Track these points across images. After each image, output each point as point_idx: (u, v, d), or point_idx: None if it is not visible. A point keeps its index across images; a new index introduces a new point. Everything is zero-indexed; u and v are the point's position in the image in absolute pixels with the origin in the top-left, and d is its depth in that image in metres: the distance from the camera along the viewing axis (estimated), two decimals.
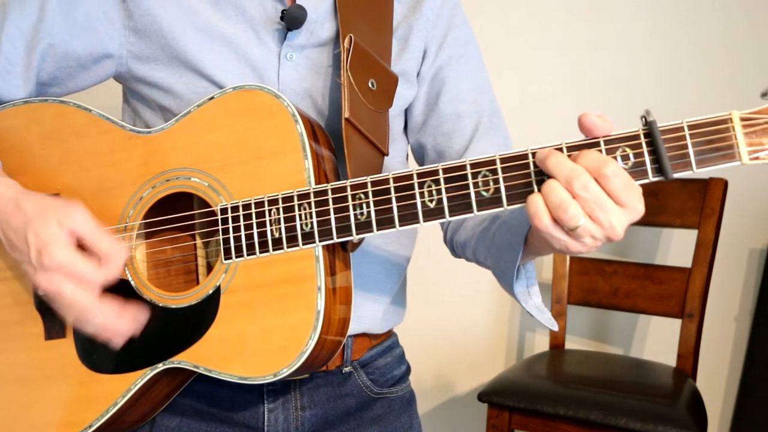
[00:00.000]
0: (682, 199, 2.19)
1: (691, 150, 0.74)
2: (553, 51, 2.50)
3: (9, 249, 0.92)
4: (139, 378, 0.92)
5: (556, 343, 2.35)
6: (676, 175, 0.75)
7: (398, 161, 1.12)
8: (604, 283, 2.30)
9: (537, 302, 0.94)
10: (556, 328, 0.94)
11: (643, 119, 0.76)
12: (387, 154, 1.02)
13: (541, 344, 2.61)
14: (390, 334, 1.17)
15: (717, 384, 2.43)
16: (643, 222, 2.27)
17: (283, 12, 0.99)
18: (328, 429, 1.06)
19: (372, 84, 1.00)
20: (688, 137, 0.74)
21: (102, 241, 0.89)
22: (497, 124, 1.13)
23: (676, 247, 2.39)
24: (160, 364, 0.91)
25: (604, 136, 0.77)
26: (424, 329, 2.59)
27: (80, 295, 0.87)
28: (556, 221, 0.75)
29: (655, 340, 2.47)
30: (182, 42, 0.99)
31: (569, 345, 2.47)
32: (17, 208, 0.91)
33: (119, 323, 0.89)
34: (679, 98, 2.35)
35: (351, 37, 0.98)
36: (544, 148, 0.78)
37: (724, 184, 2.14)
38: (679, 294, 2.16)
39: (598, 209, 0.74)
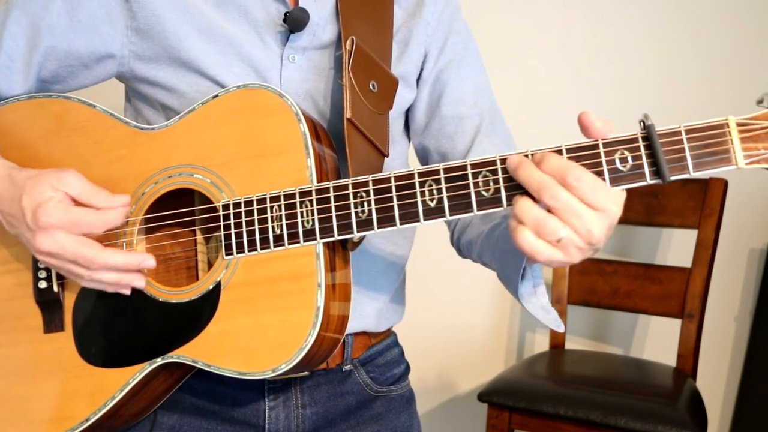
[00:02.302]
0: (682, 199, 2.19)
1: (688, 154, 0.75)
2: (553, 51, 2.50)
3: (7, 226, 0.93)
4: (138, 372, 0.93)
5: (556, 343, 2.35)
6: (673, 179, 0.75)
7: (398, 163, 1.12)
8: (604, 283, 2.30)
9: (543, 302, 0.93)
10: (562, 329, 0.93)
11: (642, 123, 0.76)
12: (387, 155, 1.02)
13: (541, 344, 2.61)
14: (389, 332, 1.18)
15: (717, 384, 2.43)
16: (643, 222, 2.28)
17: (285, 14, 1.00)
18: (329, 427, 1.07)
19: (373, 86, 1.01)
20: (685, 141, 0.75)
21: (98, 195, 0.91)
22: (498, 125, 1.13)
23: (676, 247, 2.39)
24: (159, 359, 0.92)
25: (602, 139, 0.77)
26: (424, 329, 2.59)
27: (84, 245, 0.88)
28: (539, 236, 0.76)
29: (655, 340, 2.47)
30: (185, 43, 0.99)
31: (569, 345, 2.48)
32: (10, 182, 0.92)
33: (134, 260, 0.91)
34: (678, 99, 2.35)
35: (353, 39, 0.99)
36: (514, 155, 0.79)
37: (724, 184, 2.14)
38: (679, 294, 2.16)
39: (573, 216, 0.75)
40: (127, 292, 0.93)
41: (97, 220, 0.89)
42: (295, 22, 0.99)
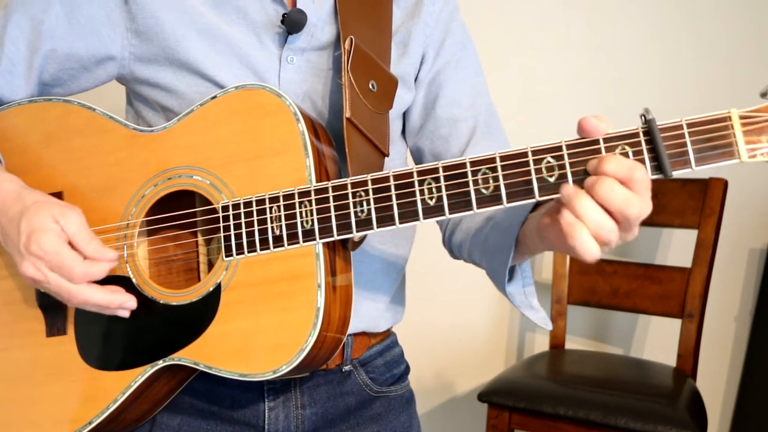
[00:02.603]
0: (682, 199, 2.19)
1: (690, 148, 0.74)
2: (553, 51, 2.50)
3: (3, 240, 0.93)
4: (139, 375, 0.93)
5: (556, 343, 2.35)
6: (675, 173, 0.75)
7: (398, 163, 1.12)
8: (604, 283, 2.30)
9: (533, 302, 0.95)
10: (549, 327, 0.95)
11: (643, 117, 0.76)
12: (387, 155, 1.02)
13: (541, 344, 2.62)
14: (389, 333, 1.17)
15: (717, 384, 2.43)
16: (643, 222, 2.27)
17: (283, 16, 1.00)
18: (329, 427, 1.06)
19: (372, 85, 1.01)
20: (687, 135, 0.74)
21: (91, 244, 0.91)
22: (494, 128, 1.13)
23: (676, 247, 2.39)
24: (161, 361, 0.92)
25: (603, 135, 0.77)
26: (424, 329, 2.59)
27: (63, 283, 0.89)
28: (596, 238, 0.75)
29: (655, 340, 2.47)
30: (184, 44, 1.00)
31: (569, 345, 2.48)
32: (18, 200, 0.93)
33: (117, 297, 0.92)
34: (679, 98, 2.35)
35: (352, 39, 0.99)
36: (569, 187, 0.77)
37: (724, 184, 2.14)
38: (679, 294, 2.16)
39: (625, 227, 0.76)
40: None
41: (80, 271, 0.90)
42: (293, 23, 0.99)
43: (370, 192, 0.85)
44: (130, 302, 0.93)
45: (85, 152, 1.00)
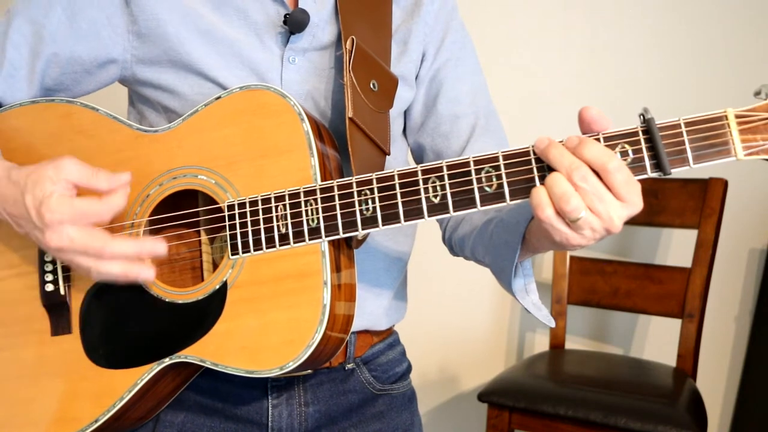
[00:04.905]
0: (682, 199, 2.19)
1: (687, 146, 0.76)
2: (553, 51, 2.51)
3: (15, 227, 0.92)
4: (146, 373, 0.93)
5: (556, 343, 2.36)
6: (673, 171, 0.76)
7: (399, 162, 1.14)
8: (604, 283, 2.30)
9: (534, 299, 0.96)
10: (552, 324, 0.95)
11: (642, 116, 0.77)
12: (389, 154, 1.03)
13: (541, 344, 2.62)
14: (391, 331, 1.18)
15: (717, 384, 2.44)
16: (643, 222, 2.29)
17: (286, 16, 1.00)
18: (331, 425, 1.07)
19: (373, 85, 1.01)
20: (684, 134, 0.76)
21: (99, 177, 0.89)
22: (494, 125, 1.14)
23: (676, 247, 2.39)
24: (167, 359, 0.92)
25: (603, 133, 0.78)
26: (424, 329, 2.59)
27: (91, 237, 0.87)
28: (559, 213, 0.77)
29: (655, 340, 2.47)
30: (186, 45, 1.00)
31: (569, 345, 2.48)
32: (10, 182, 0.91)
33: (142, 248, 0.89)
34: (678, 98, 2.36)
35: (353, 39, 1.00)
36: (542, 137, 0.80)
37: (724, 184, 2.14)
38: (679, 294, 2.17)
39: (598, 201, 0.76)
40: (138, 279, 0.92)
41: (102, 209, 0.88)
42: (295, 23, 1.00)
43: (375, 190, 0.86)
44: (160, 247, 0.90)
45: (90, 152, 1.00)
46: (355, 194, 0.87)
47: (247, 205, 0.92)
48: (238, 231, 0.91)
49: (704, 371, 2.25)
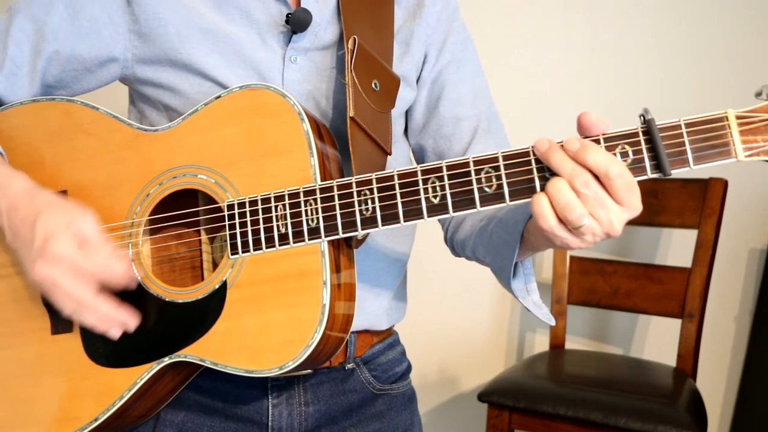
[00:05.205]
0: (682, 199, 2.19)
1: (688, 147, 0.76)
2: (553, 51, 2.51)
3: (11, 238, 0.92)
4: (146, 372, 0.93)
5: (556, 343, 2.36)
6: (674, 172, 0.76)
7: (400, 162, 1.13)
8: (604, 283, 2.30)
9: (535, 298, 0.96)
10: (553, 322, 0.95)
11: (642, 117, 0.77)
12: (390, 154, 1.03)
13: (541, 344, 2.62)
14: (391, 331, 1.18)
15: (717, 384, 2.44)
16: (643, 222, 2.29)
17: (288, 15, 1.00)
18: (331, 424, 1.07)
19: (375, 85, 1.01)
20: (685, 135, 0.76)
21: (104, 249, 0.90)
22: (495, 127, 1.14)
23: (676, 247, 2.39)
24: (167, 358, 0.92)
25: (603, 134, 0.78)
26: (424, 329, 2.60)
27: (77, 288, 0.88)
28: (562, 221, 0.77)
29: (655, 340, 2.47)
30: (187, 45, 1.00)
31: (569, 345, 2.48)
32: (30, 199, 0.92)
33: (116, 316, 0.91)
34: (678, 98, 2.36)
35: (355, 39, 1.00)
36: (542, 139, 0.80)
37: (724, 184, 2.14)
38: (679, 294, 2.17)
39: (599, 207, 0.76)
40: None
41: (95, 271, 0.89)
42: (298, 23, 1.00)
43: (375, 191, 0.86)
44: (131, 322, 0.92)
45: (90, 151, 1.00)
46: (355, 194, 0.87)
47: (247, 204, 0.92)
48: (237, 230, 0.91)
49: (704, 371, 2.25)
